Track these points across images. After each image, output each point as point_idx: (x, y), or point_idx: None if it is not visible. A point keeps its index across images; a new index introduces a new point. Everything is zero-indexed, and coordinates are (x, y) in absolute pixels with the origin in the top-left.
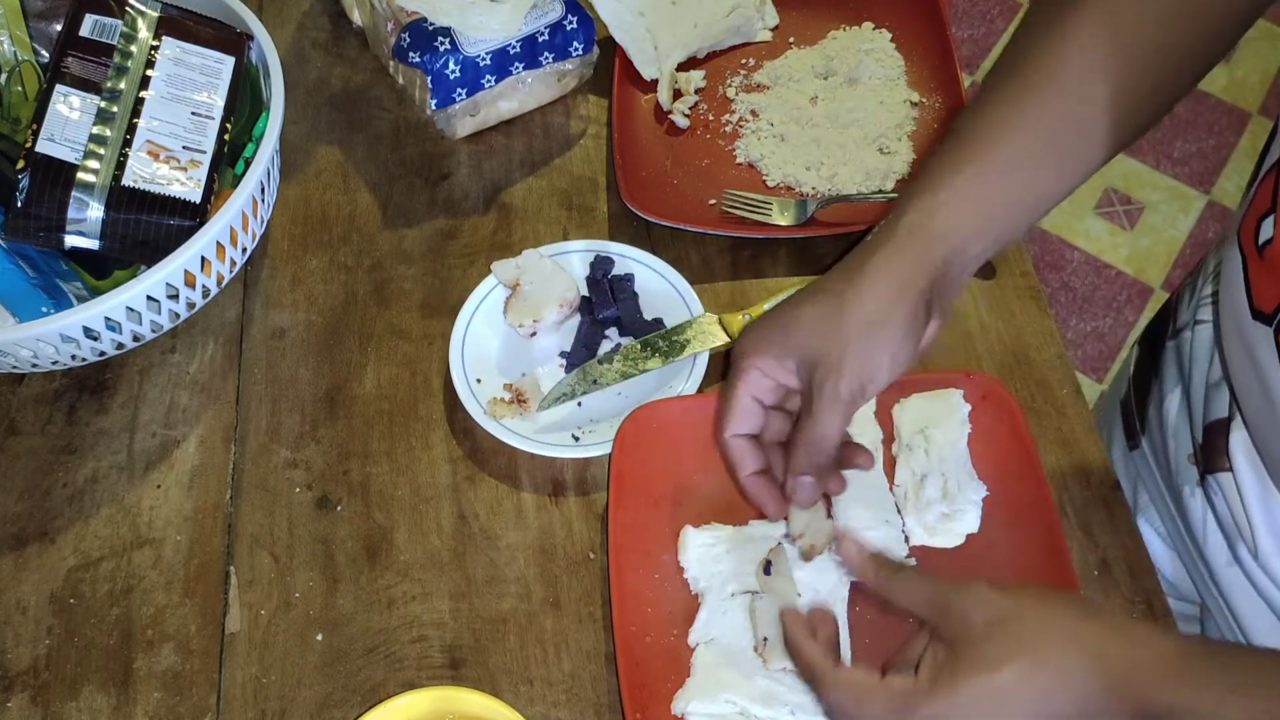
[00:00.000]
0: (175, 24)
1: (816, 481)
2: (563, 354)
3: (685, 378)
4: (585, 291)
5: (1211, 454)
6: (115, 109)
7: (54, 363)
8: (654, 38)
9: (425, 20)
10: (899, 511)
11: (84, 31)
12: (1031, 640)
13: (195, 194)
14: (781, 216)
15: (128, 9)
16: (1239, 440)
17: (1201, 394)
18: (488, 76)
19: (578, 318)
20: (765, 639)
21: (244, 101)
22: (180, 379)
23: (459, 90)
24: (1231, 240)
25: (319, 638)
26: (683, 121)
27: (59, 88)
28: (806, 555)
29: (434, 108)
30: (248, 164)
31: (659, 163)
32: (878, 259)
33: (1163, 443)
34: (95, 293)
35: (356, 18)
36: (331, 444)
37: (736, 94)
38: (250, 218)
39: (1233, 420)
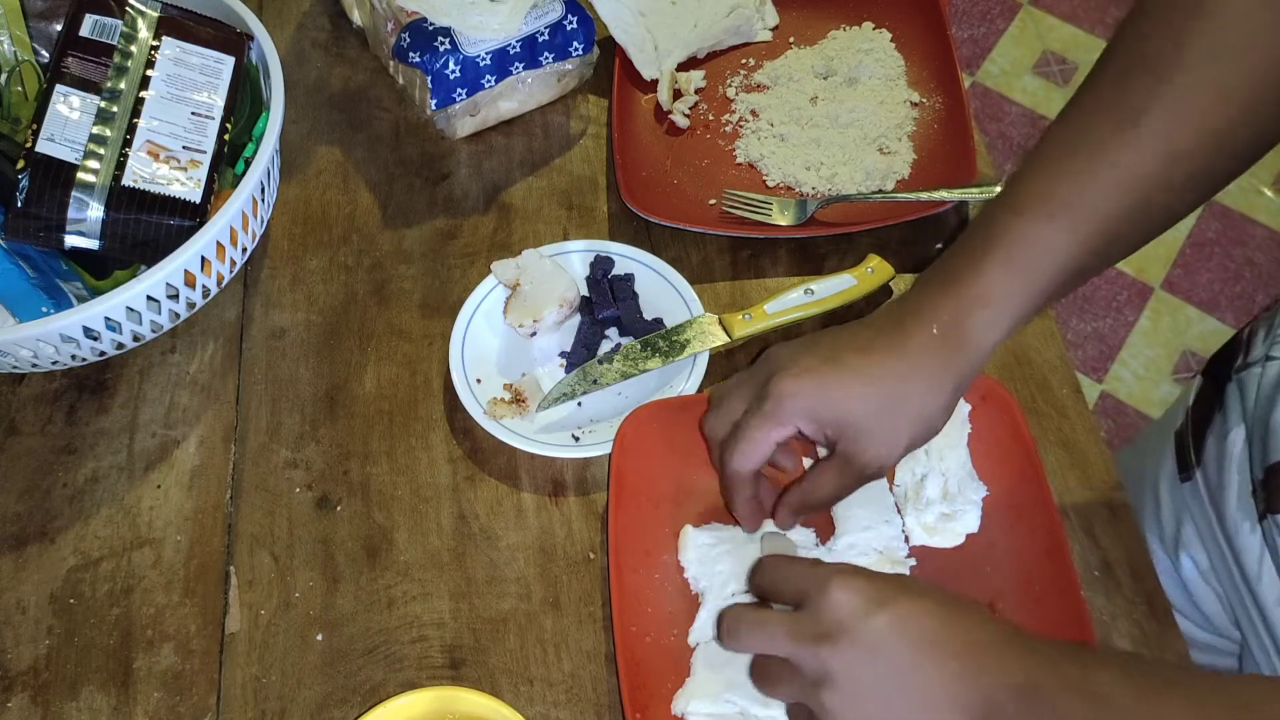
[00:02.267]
0: (175, 24)
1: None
2: (563, 354)
3: (685, 378)
4: (585, 291)
5: (1274, 494)
6: (115, 109)
7: (54, 363)
8: (654, 38)
9: (425, 20)
10: (899, 511)
11: (84, 31)
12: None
13: (195, 194)
14: (781, 216)
15: (128, 9)
16: None
17: (1263, 431)
18: (488, 76)
19: (578, 318)
20: None
21: (244, 101)
22: (180, 379)
23: (459, 90)
24: None
25: (319, 638)
26: (683, 121)
27: (59, 88)
28: None
29: (434, 108)
30: (248, 164)
31: (659, 163)
32: (944, 364)
33: (1219, 478)
34: (95, 293)
35: (356, 18)
36: (331, 444)
37: (736, 94)
38: (250, 218)
39: None
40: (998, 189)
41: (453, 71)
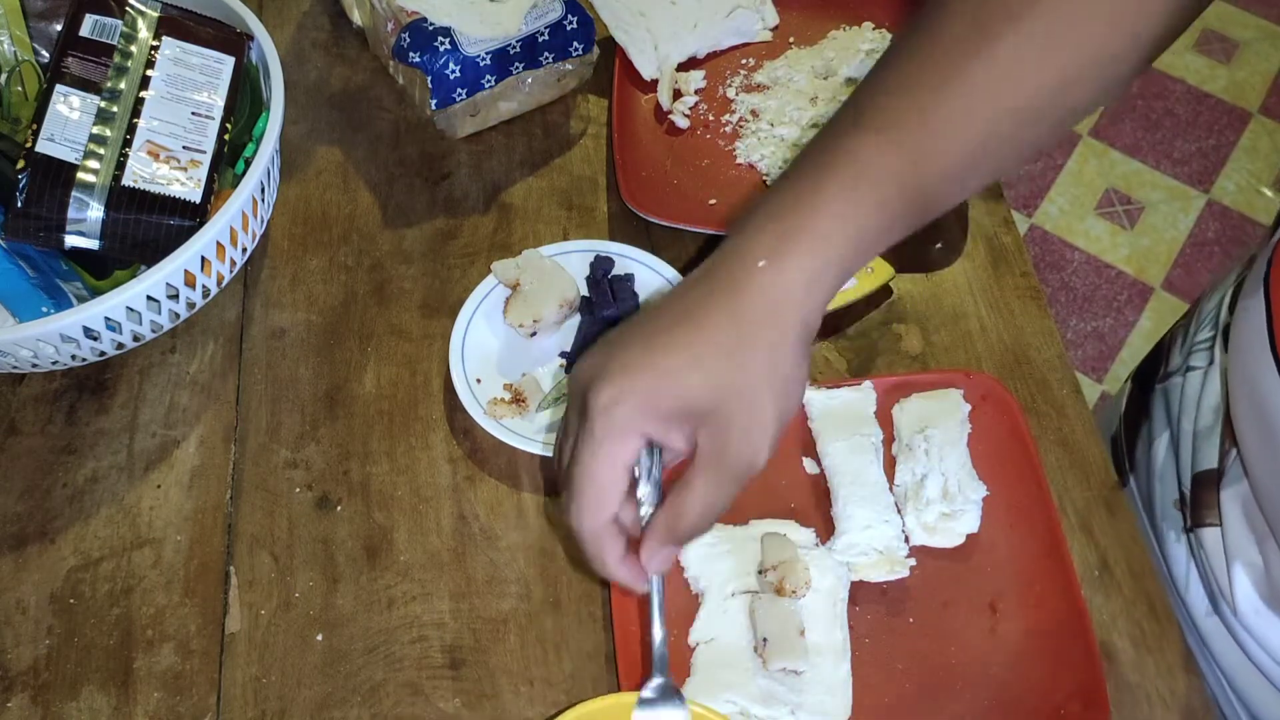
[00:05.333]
0: (175, 24)
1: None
2: (563, 354)
3: None
4: (585, 291)
5: (1199, 507)
6: (115, 109)
7: (54, 363)
8: (654, 38)
9: (425, 20)
10: (899, 511)
11: (84, 31)
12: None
13: (195, 194)
14: None
15: (128, 9)
16: (1233, 494)
17: (1190, 442)
18: (488, 76)
19: (578, 318)
20: (765, 639)
21: (244, 101)
22: (180, 379)
23: (459, 90)
24: (1252, 292)
25: (319, 638)
26: (683, 121)
27: (59, 88)
28: (779, 590)
29: (434, 108)
30: (248, 164)
31: (659, 163)
32: (780, 304)
33: (1149, 485)
34: (95, 293)
35: (356, 18)
36: (331, 444)
37: (736, 94)
38: (250, 218)
39: (1224, 474)
40: None
41: (453, 71)
